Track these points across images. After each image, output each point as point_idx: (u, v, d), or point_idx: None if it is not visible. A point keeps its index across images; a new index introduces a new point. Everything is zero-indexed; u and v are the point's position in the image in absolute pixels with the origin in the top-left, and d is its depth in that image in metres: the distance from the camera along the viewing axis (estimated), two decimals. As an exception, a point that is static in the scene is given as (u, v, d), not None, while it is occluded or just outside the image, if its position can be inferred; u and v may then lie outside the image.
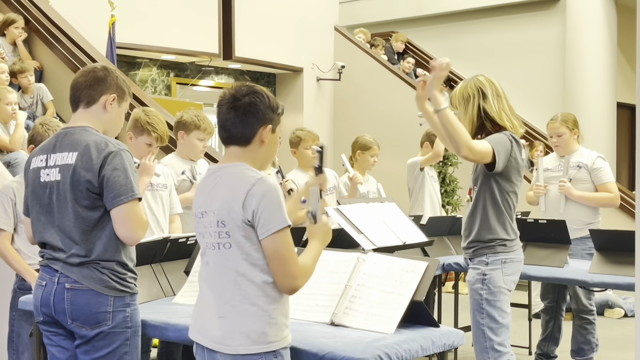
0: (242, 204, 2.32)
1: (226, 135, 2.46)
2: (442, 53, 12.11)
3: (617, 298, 7.31)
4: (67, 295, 2.69)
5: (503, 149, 3.38)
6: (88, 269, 2.69)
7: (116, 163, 2.67)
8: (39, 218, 2.78)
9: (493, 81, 3.53)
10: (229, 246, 2.36)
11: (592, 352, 4.90)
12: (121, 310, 2.74)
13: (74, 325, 2.70)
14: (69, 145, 2.74)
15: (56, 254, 2.73)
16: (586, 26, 10.66)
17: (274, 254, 2.33)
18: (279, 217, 2.32)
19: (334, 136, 10.93)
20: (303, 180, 5.09)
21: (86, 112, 2.83)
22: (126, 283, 2.76)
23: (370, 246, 3.84)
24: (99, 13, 7.70)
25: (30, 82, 6.42)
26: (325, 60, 10.82)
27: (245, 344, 2.34)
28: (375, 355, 2.50)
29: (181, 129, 4.48)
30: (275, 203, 2.33)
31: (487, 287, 3.46)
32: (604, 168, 4.93)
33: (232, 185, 2.37)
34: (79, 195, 2.67)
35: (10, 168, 5.18)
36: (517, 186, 3.52)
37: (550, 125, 5.05)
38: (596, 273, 4.28)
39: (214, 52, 9.48)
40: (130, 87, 2.95)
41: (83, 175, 2.66)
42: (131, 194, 2.67)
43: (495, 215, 3.47)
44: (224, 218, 2.36)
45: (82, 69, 2.93)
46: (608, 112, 10.76)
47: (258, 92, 2.46)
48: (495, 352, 3.45)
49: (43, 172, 2.77)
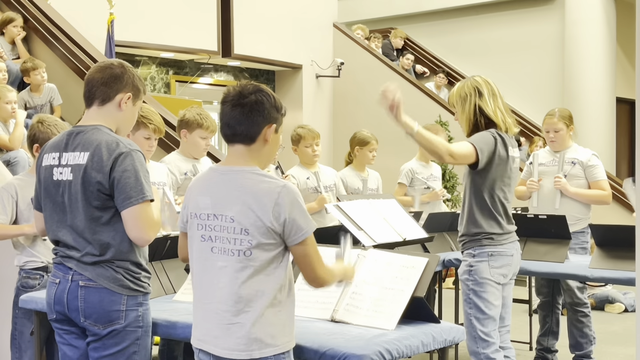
0: (271, 213, 2.33)
1: (231, 132, 2.44)
2: (442, 49, 12.13)
3: (617, 293, 7.32)
4: (80, 293, 2.69)
5: (485, 146, 3.52)
6: (102, 268, 2.69)
7: (127, 164, 2.64)
8: (52, 216, 2.78)
9: (489, 81, 3.69)
10: (249, 254, 2.36)
11: (590, 345, 4.91)
12: (134, 309, 2.73)
13: (86, 323, 2.70)
14: (80, 144, 2.71)
15: (70, 252, 2.72)
16: (585, 22, 10.67)
17: (303, 257, 2.40)
18: (308, 224, 2.38)
19: (333, 133, 10.93)
20: (304, 177, 5.09)
21: (100, 109, 2.80)
22: (140, 282, 2.76)
23: (370, 243, 3.85)
24: (98, 11, 7.69)
25: (44, 79, 6.43)
26: (324, 57, 10.82)
27: (257, 348, 2.36)
28: (376, 351, 2.51)
29: (184, 127, 4.48)
30: (303, 210, 2.38)
31: (473, 279, 3.63)
32: (599, 165, 4.95)
33: (255, 193, 2.36)
34: (90, 195, 2.66)
35: (10, 167, 5.18)
36: (504, 182, 3.61)
37: (548, 120, 5.05)
38: (596, 268, 4.28)
39: (213, 50, 9.47)
40: (145, 86, 2.92)
41: (94, 177, 2.65)
42: (141, 196, 2.65)
43: (479, 210, 3.61)
44: (247, 226, 2.35)
45: (98, 64, 2.87)
46: (607, 107, 10.77)
47: (264, 91, 2.46)
48: (482, 341, 3.61)
49: (56, 171, 2.75)
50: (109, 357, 2.72)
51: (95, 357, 2.73)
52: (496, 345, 3.63)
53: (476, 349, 3.63)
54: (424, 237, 4.38)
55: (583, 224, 4.93)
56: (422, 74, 11.84)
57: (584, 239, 4.94)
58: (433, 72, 11.74)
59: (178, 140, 4.68)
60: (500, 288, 3.66)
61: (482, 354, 3.61)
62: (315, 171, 5.16)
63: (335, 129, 10.87)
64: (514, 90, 10.51)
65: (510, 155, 3.61)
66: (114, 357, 2.72)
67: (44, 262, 3.69)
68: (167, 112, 6.58)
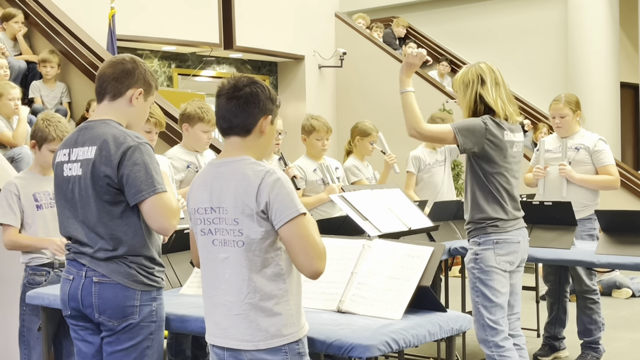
0: (255, 198, 2.32)
1: (227, 125, 2.44)
2: (444, 37, 12.09)
3: (624, 278, 7.30)
4: (94, 289, 2.69)
5: (468, 131, 3.57)
6: (116, 264, 2.69)
7: (136, 158, 2.64)
8: (64, 212, 2.78)
9: (494, 69, 3.70)
10: (242, 244, 2.36)
11: (599, 331, 4.90)
12: (147, 304, 2.73)
13: (101, 318, 2.70)
14: (89, 139, 2.71)
15: (83, 248, 2.72)
16: (588, 7, 10.61)
17: (292, 240, 2.32)
18: (292, 205, 2.32)
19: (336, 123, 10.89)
20: (310, 168, 5.08)
21: (111, 104, 2.80)
22: (154, 277, 2.76)
23: (375, 232, 3.84)
24: (99, 6, 7.68)
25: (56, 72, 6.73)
26: (326, 47, 10.79)
27: (267, 337, 2.36)
28: (382, 341, 2.51)
29: (185, 121, 4.47)
30: (287, 192, 2.33)
31: (479, 267, 3.64)
32: (605, 150, 4.91)
33: (243, 180, 2.36)
34: (100, 190, 2.66)
35: (14, 163, 5.18)
36: (502, 167, 3.63)
37: (554, 106, 5.02)
38: (603, 254, 4.26)
39: (215, 42, 9.45)
40: (157, 81, 2.90)
41: (102, 171, 2.64)
42: (152, 189, 2.64)
43: (482, 196, 3.64)
44: (237, 215, 2.35)
45: (110, 60, 2.86)
46: (611, 92, 10.72)
47: (258, 83, 2.46)
48: (491, 329, 3.62)
49: (66, 167, 2.76)
50: (123, 352, 2.72)
51: (109, 351, 2.74)
52: (505, 333, 3.63)
53: (485, 337, 3.63)
54: (430, 226, 4.37)
55: (590, 210, 4.89)
56: (425, 63, 11.79)
57: (590, 225, 4.91)
58: (436, 60, 11.71)
59: (181, 133, 4.67)
60: (507, 275, 3.66)
61: (491, 341, 3.61)
62: (321, 163, 5.15)
63: (338, 119, 10.85)
64: (517, 76, 10.47)
65: (507, 139, 3.62)
66: (127, 352, 2.72)
67: (50, 258, 3.70)
68: (170, 106, 6.57)
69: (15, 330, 3.81)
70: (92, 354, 2.80)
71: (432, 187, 5.85)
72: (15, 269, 3.69)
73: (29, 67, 6.90)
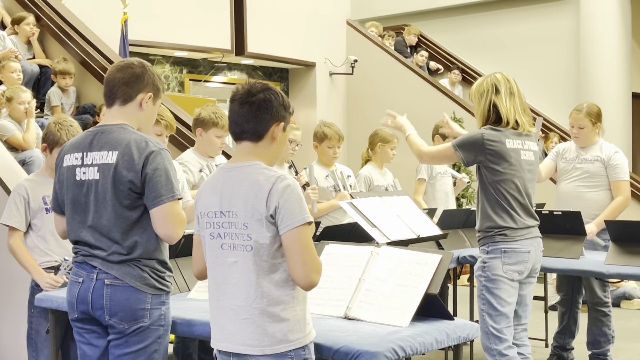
0: (265, 202, 2.33)
1: (239, 130, 2.45)
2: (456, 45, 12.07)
3: (634, 289, 7.26)
4: (106, 292, 2.70)
5: (468, 145, 3.65)
6: (129, 267, 2.70)
7: (157, 162, 2.67)
8: (74, 217, 2.79)
9: (509, 79, 3.73)
10: (250, 249, 2.36)
11: (608, 343, 4.87)
12: (157, 308, 2.75)
13: (112, 321, 2.71)
14: (107, 143, 2.73)
15: (94, 251, 2.73)
16: (600, 16, 10.57)
17: (294, 248, 2.33)
18: (300, 213, 2.33)
19: (347, 130, 10.90)
20: (323, 175, 5.08)
21: (122, 109, 2.82)
22: (164, 282, 2.78)
23: (384, 240, 3.84)
24: (112, 11, 7.73)
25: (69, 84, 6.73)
26: (337, 54, 10.80)
27: (274, 343, 2.36)
28: (389, 348, 2.50)
29: (199, 126, 4.49)
30: (297, 199, 2.34)
31: (486, 275, 3.66)
32: (620, 165, 4.86)
33: (254, 185, 2.37)
34: (120, 194, 2.67)
35: (25, 166, 5.21)
36: (509, 174, 3.63)
37: (574, 115, 4.98)
38: (612, 264, 4.25)
39: (227, 48, 9.49)
40: (164, 85, 2.93)
41: (125, 175, 2.66)
42: (172, 194, 2.68)
43: (489, 204, 3.67)
44: (247, 220, 2.36)
45: (118, 64, 2.88)
46: (623, 102, 10.66)
47: (272, 89, 2.47)
48: (495, 337, 3.64)
49: (79, 171, 2.76)
50: (131, 355, 2.73)
51: (117, 354, 2.74)
52: (509, 342, 3.64)
53: (489, 345, 3.64)
54: (438, 234, 4.36)
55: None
56: (436, 71, 11.79)
57: (605, 236, 4.88)
58: (447, 68, 11.69)
59: (192, 138, 4.69)
60: (516, 285, 3.65)
61: (494, 349, 3.62)
62: (333, 170, 5.15)
63: (349, 126, 10.85)
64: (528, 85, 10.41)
65: (511, 147, 3.62)
66: (136, 355, 2.73)
67: (58, 261, 3.70)
68: (181, 111, 6.59)
69: (24, 332, 3.82)
70: (97, 358, 2.81)
71: (443, 195, 5.84)
72: (24, 271, 3.70)
73: (41, 71, 6.94)
